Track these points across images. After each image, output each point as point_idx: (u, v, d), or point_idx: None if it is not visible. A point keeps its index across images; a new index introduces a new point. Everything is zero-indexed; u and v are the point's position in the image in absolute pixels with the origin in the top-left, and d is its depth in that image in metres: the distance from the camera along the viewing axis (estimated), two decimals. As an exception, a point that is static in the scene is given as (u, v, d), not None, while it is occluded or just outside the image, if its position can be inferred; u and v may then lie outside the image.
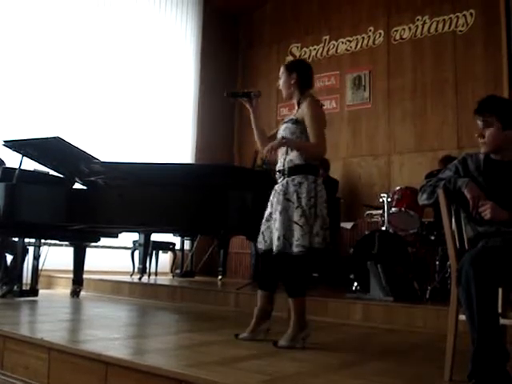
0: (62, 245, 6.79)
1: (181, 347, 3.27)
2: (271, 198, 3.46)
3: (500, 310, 2.49)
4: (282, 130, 3.44)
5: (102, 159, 5.65)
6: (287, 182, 3.33)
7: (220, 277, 7.38)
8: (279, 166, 3.44)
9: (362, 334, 4.16)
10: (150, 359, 2.72)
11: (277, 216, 3.29)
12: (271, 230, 3.37)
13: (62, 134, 5.40)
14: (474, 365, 2.21)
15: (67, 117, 7.50)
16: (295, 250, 3.23)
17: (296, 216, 3.26)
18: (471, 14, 7.63)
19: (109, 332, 3.66)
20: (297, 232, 3.24)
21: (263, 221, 3.47)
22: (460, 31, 7.72)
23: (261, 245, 3.45)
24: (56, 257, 6.72)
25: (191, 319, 4.82)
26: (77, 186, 5.97)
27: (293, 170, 3.35)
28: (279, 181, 3.42)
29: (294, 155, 3.37)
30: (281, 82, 3.52)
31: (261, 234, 3.46)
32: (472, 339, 2.23)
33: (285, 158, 3.40)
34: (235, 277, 8.23)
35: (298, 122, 3.39)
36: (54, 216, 5.35)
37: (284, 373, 2.55)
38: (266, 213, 3.47)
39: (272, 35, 9.81)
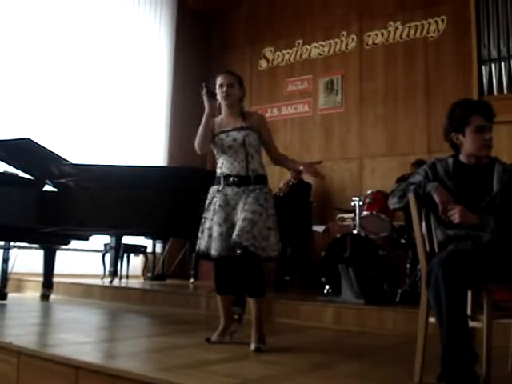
0: (31, 247, 6.71)
1: (152, 351, 3.26)
2: (220, 202, 3.41)
3: (469, 313, 2.53)
4: (243, 136, 3.42)
5: (74, 161, 5.60)
6: (255, 190, 3.37)
7: (192, 280, 7.35)
8: (239, 172, 3.41)
9: (334, 336, 4.18)
10: (121, 363, 2.71)
11: (250, 217, 3.27)
12: (227, 235, 3.33)
13: (33, 135, 5.34)
14: (444, 366, 2.23)
15: (38, 117, 7.42)
16: (272, 253, 3.33)
17: (271, 223, 3.36)
18: (442, 21, 7.74)
19: (79, 336, 3.62)
20: (273, 238, 3.34)
21: (214, 227, 3.39)
22: (431, 37, 7.82)
23: (213, 250, 3.37)
24: (26, 260, 6.64)
25: (162, 322, 4.79)
26: (47, 187, 5.90)
27: (259, 180, 3.43)
28: (238, 186, 3.39)
29: (256, 164, 3.45)
30: (232, 90, 3.49)
31: (212, 239, 3.38)
32: (441, 341, 2.26)
33: (247, 166, 3.41)
34: (207, 280, 8.18)
35: (255, 131, 3.47)
36: (24, 218, 5.27)
37: (255, 376, 2.56)
38: (218, 218, 3.39)
39: (246, 38, 9.81)
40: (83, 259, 7.87)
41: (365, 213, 5.69)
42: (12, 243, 5.74)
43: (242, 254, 3.27)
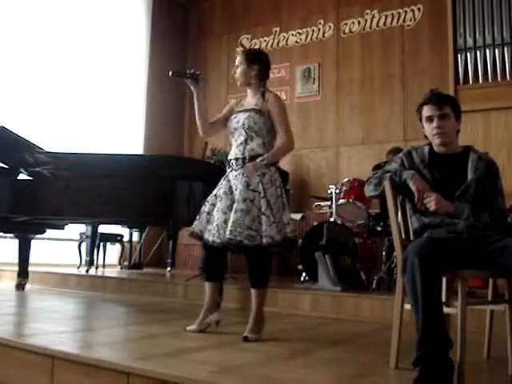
0: (6, 237, 6.63)
1: (129, 340, 3.25)
2: (224, 188, 3.37)
3: (444, 299, 2.56)
4: (245, 119, 3.37)
5: (49, 149, 5.53)
6: None
7: (169, 268, 7.34)
8: (237, 155, 3.37)
9: (311, 323, 4.21)
10: (98, 352, 2.69)
11: (242, 207, 3.22)
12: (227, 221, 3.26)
13: (7, 124, 5.26)
14: (419, 351, 2.26)
15: (12, 105, 7.30)
16: (264, 240, 3.19)
17: (263, 206, 3.23)
18: (419, 9, 7.77)
19: (55, 325, 3.59)
20: (264, 223, 3.21)
21: (218, 213, 3.32)
22: (408, 26, 7.85)
23: (214, 237, 3.30)
24: (0, 249, 6.55)
25: (139, 311, 4.78)
26: (22, 176, 5.83)
27: (254, 160, 3.32)
28: (236, 170, 3.36)
29: (255, 144, 3.35)
30: (239, 70, 3.47)
31: (214, 225, 3.32)
32: (416, 327, 2.29)
33: (244, 147, 3.36)
34: (184, 268, 8.20)
35: (261, 113, 3.37)
36: (-2, 207, 5.22)
37: (233, 363, 2.56)
38: (222, 205, 3.33)
39: (222, 26, 9.76)
40: (59, 248, 7.81)
41: (341, 201, 5.72)
42: (-14, 233, 5.68)
43: (239, 248, 3.26)
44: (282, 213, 3.30)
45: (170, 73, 3.47)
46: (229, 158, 3.47)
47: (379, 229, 5.54)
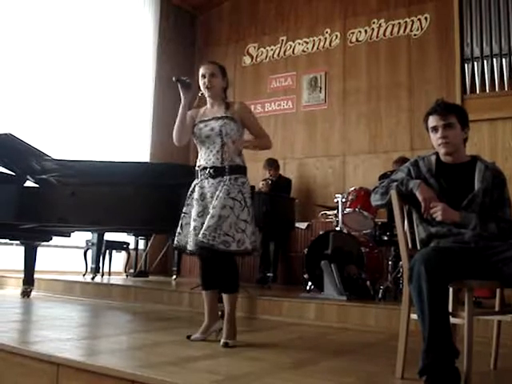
0: (12, 244, 6.64)
1: (133, 347, 3.24)
2: (196, 195, 3.41)
3: (451, 310, 2.55)
4: (220, 126, 3.38)
5: (56, 156, 5.55)
6: (229, 180, 3.31)
7: (174, 276, 7.33)
8: (214, 163, 3.36)
9: (316, 333, 4.19)
10: (102, 360, 2.69)
11: (220, 213, 3.23)
12: (200, 229, 3.29)
13: (14, 131, 5.28)
14: (425, 361, 2.25)
15: (19, 112, 7.33)
16: (249, 246, 3.29)
17: (245, 215, 3.30)
18: (426, 19, 7.78)
19: (60, 333, 3.59)
20: (248, 230, 3.30)
21: (190, 221, 3.40)
22: (415, 35, 7.85)
23: (188, 246, 3.37)
24: (6, 256, 6.55)
25: (144, 319, 4.77)
26: (28, 183, 5.84)
27: (234, 170, 3.36)
28: (214, 177, 3.35)
29: (233, 154, 3.37)
30: (215, 81, 3.48)
31: (188, 234, 3.39)
32: (423, 337, 2.28)
33: (222, 156, 3.36)
34: (190, 276, 8.18)
35: (234, 120, 3.42)
36: (5, 214, 5.22)
37: (237, 372, 2.55)
38: (193, 212, 3.39)
39: (229, 34, 9.80)
40: (65, 256, 7.82)
41: (347, 210, 5.69)
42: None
43: (210, 253, 3.27)
44: (252, 223, 3.38)
45: (174, 78, 3.45)
46: (202, 165, 3.44)
47: (385, 238, 5.51)
